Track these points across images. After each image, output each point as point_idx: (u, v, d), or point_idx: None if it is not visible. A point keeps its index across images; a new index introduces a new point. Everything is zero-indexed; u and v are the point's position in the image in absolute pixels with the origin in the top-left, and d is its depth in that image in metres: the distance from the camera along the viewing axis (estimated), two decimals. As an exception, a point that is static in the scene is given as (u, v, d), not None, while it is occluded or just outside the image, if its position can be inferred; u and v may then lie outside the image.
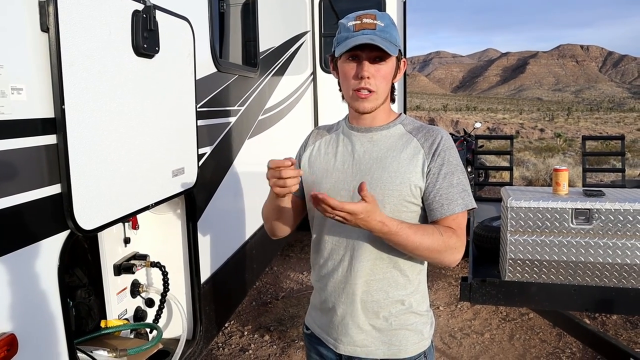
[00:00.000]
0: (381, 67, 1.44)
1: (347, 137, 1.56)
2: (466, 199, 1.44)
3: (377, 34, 1.40)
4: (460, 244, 1.41)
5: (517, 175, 12.02)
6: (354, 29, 1.43)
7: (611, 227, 2.94)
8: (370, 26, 1.42)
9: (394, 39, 1.43)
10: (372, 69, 1.44)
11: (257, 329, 4.17)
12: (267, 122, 3.58)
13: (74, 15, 1.43)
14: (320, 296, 1.59)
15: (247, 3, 3.42)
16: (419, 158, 1.45)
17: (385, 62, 1.44)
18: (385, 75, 1.46)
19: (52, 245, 1.44)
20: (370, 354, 1.50)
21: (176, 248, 2.36)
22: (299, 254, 6.08)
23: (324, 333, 1.60)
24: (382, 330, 1.50)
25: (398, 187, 1.43)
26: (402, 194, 1.43)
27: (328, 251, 1.53)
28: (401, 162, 1.45)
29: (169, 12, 1.96)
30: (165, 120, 1.99)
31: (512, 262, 3.10)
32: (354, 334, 1.51)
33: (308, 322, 1.70)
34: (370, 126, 1.53)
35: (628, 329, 4.07)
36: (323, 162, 1.58)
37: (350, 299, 1.49)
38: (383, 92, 1.48)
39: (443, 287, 4.98)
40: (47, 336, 1.47)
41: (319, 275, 1.59)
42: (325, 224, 1.52)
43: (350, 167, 1.51)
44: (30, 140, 1.34)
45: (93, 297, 2.10)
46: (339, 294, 1.51)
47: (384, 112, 1.53)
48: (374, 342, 1.50)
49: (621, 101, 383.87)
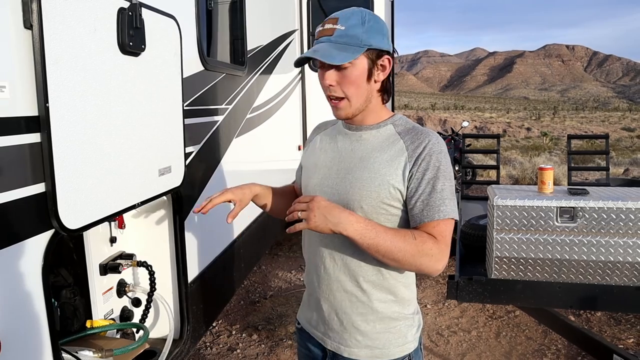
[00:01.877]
0: (345, 72, 1.38)
1: (341, 135, 1.55)
2: (448, 207, 1.37)
3: (333, 39, 1.35)
4: (437, 251, 1.34)
5: (503, 174, 12.12)
6: (317, 36, 1.40)
7: (595, 225, 2.97)
8: (327, 33, 1.37)
9: (354, 41, 1.35)
10: (334, 75, 1.39)
11: (245, 328, 4.17)
12: (255, 121, 3.57)
13: (58, 12, 1.41)
14: (308, 290, 1.61)
15: (235, 1, 3.40)
16: (402, 161, 1.40)
17: (352, 65, 1.37)
18: (354, 79, 1.39)
19: (36, 244, 1.42)
20: (352, 355, 1.50)
21: (163, 247, 2.34)
22: (287, 253, 6.08)
23: (312, 328, 1.60)
24: (365, 332, 1.48)
25: (376, 189, 1.39)
26: (380, 196, 1.39)
27: (314, 246, 1.54)
28: (382, 163, 1.41)
29: (155, 9, 1.95)
30: (151, 119, 1.98)
31: (498, 260, 3.12)
32: (339, 331, 1.51)
33: (299, 317, 1.70)
34: (361, 125, 1.51)
35: (612, 325, 4.13)
36: (314, 157, 1.59)
37: (334, 296, 1.50)
38: (356, 96, 1.41)
39: (430, 285, 5.01)
40: (31, 337, 1.45)
41: (307, 269, 1.61)
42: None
43: (335, 165, 1.51)
44: (13, 139, 1.32)
45: (78, 297, 2.07)
46: (323, 290, 1.52)
47: (372, 113, 1.48)
48: (357, 343, 1.49)
49: (606, 100, 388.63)
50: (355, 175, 1.44)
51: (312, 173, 1.56)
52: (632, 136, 49.45)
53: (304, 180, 1.62)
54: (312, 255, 1.56)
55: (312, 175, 1.56)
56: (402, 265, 1.36)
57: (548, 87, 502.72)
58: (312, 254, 1.56)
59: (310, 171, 1.58)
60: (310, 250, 1.56)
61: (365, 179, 1.42)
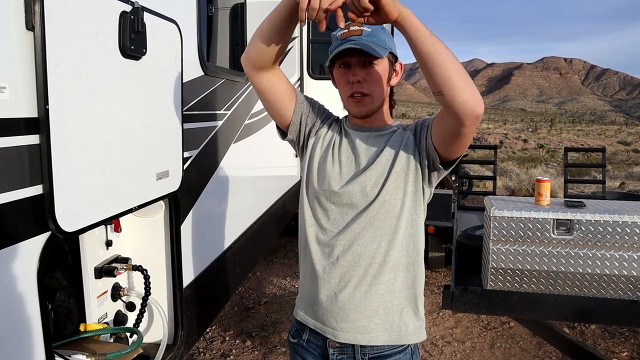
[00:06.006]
0: (372, 70, 1.47)
1: (348, 135, 1.60)
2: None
3: (363, 38, 1.43)
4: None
5: (500, 185, 12.15)
6: (342, 37, 1.47)
7: (591, 237, 2.98)
8: (356, 33, 1.45)
9: (382, 42, 1.45)
10: (362, 72, 1.47)
11: (239, 335, 4.15)
12: (253, 127, 3.58)
13: (60, 15, 1.41)
14: (318, 286, 1.56)
15: (236, 7, 3.41)
16: (409, 138, 1.51)
17: (376, 64, 1.47)
18: (378, 77, 1.49)
19: (32, 247, 1.41)
20: (371, 341, 1.51)
21: (159, 252, 2.33)
22: (282, 260, 6.06)
23: (321, 324, 1.58)
24: (384, 317, 1.51)
25: (396, 168, 1.48)
26: (402, 171, 1.49)
27: (327, 240, 1.54)
28: (396, 149, 1.50)
29: (157, 14, 1.95)
30: (151, 123, 1.97)
31: (494, 271, 3.12)
32: (355, 320, 1.51)
33: (302, 318, 1.66)
34: (370, 126, 1.57)
35: (606, 338, 4.12)
36: (325, 149, 1.60)
37: (354, 283, 1.51)
38: (377, 94, 1.51)
39: (426, 294, 4.99)
40: (25, 339, 1.44)
41: (310, 269, 1.58)
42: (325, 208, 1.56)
43: (350, 160, 1.55)
44: (12, 140, 1.32)
45: (73, 300, 2.06)
46: (340, 279, 1.52)
47: (382, 115, 1.57)
48: (376, 328, 1.51)
49: (602, 114, 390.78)
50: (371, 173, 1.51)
51: (321, 161, 1.59)
52: (628, 150, 49.70)
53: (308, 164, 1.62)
54: (322, 249, 1.55)
55: (320, 164, 1.58)
56: (447, 76, 1.28)
57: (545, 100, 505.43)
58: (322, 249, 1.55)
59: (319, 158, 1.60)
60: (320, 247, 1.56)
61: (383, 167, 1.50)
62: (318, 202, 1.56)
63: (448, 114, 1.34)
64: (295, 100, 1.61)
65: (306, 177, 1.62)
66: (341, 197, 1.52)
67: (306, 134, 1.64)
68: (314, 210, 1.57)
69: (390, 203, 1.49)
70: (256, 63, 1.55)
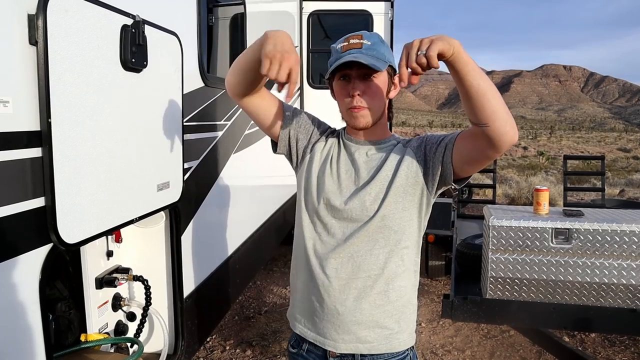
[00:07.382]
0: (371, 83, 1.49)
1: (347, 147, 1.61)
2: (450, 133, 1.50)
3: (363, 52, 1.45)
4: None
5: (500, 193, 12.15)
6: (342, 50, 1.49)
7: (590, 246, 2.99)
8: (356, 46, 1.47)
9: (381, 55, 1.47)
10: (362, 85, 1.49)
11: (239, 344, 4.14)
12: (253, 137, 3.60)
13: (62, 29, 1.43)
14: (318, 299, 1.57)
15: (236, 17, 3.45)
16: (410, 154, 1.53)
17: (376, 77, 1.49)
18: (377, 90, 1.50)
19: (34, 258, 1.43)
20: (373, 350, 1.53)
21: (159, 262, 2.35)
22: (282, 269, 6.06)
23: (321, 337, 1.59)
24: (384, 324, 1.53)
25: (396, 183, 1.50)
26: (401, 186, 1.50)
27: (325, 254, 1.55)
28: (396, 164, 1.52)
29: (157, 27, 1.98)
30: (151, 135, 1.99)
31: (493, 280, 3.13)
32: (357, 331, 1.53)
33: (300, 332, 1.67)
34: (368, 139, 1.59)
35: (606, 347, 4.12)
36: (323, 162, 1.62)
37: (354, 295, 1.52)
38: (377, 107, 1.52)
39: (425, 303, 5.00)
40: (26, 349, 1.45)
41: (310, 281, 1.59)
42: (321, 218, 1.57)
43: (349, 174, 1.56)
44: (15, 153, 1.33)
45: (73, 311, 2.07)
46: (340, 292, 1.53)
47: (380, 128, 1.59)
48: (377, 337, 1.53)
49: (602, 121, 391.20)
50: (372, 187, 1.53)
51: (319, 175, 1.60)
52: (627, 157, 49.74)
53: (305, 179, 1.64)
54: (322, 262, 1.56)
55: (319, 179, 1.60)
56: (495, 109, 1.29)
57: (545, 107, 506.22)
58: (321, 262, 1.56)
59: (317, 173, 1.61)
60: (319, 260, 1.56)
61: (383, 183, 1.52)
62: (317, 217, 1.57)
63: (483, 140, 1.33)
64: (283, 117, 1.63)
65: (304, 191, 1.63)
66: (341, 213, 1.53)
67: (300, 149, 1.66)
68: (314, 225, 1.58)
69: (390, 217, 1.50)
70: (235, 91, 1.59)
